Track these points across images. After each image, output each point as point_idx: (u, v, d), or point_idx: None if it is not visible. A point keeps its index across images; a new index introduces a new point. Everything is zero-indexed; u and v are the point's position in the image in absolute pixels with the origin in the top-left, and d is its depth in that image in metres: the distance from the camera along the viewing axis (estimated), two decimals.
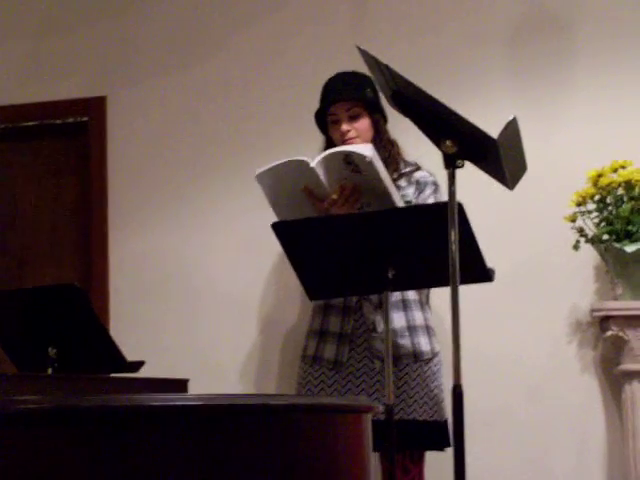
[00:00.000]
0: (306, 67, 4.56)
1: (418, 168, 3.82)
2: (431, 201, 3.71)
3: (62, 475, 1.74)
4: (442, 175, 2.94)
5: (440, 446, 3.71)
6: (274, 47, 4.63)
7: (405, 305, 3.73)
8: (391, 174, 3.74)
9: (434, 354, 3.74)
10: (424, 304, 3.80)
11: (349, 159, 3.36)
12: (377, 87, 3.36)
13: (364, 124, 3.78)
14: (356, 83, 3.77)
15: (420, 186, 3.77)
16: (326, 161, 3.40)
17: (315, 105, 3.88)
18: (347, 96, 3.77)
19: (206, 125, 4.68)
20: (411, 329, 3.71)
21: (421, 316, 3.75)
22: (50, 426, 1.75)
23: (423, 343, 3.72)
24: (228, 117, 4.66)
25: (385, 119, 3.83)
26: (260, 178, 3.47)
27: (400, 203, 3.45)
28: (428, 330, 3.76)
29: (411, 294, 3.74)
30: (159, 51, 4.78)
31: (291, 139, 4.50)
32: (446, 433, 3.69)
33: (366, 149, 3.36)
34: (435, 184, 3.77)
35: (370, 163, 3.32)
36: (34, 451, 1.74)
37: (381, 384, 3.60)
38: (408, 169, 3.83)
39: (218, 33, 4.72)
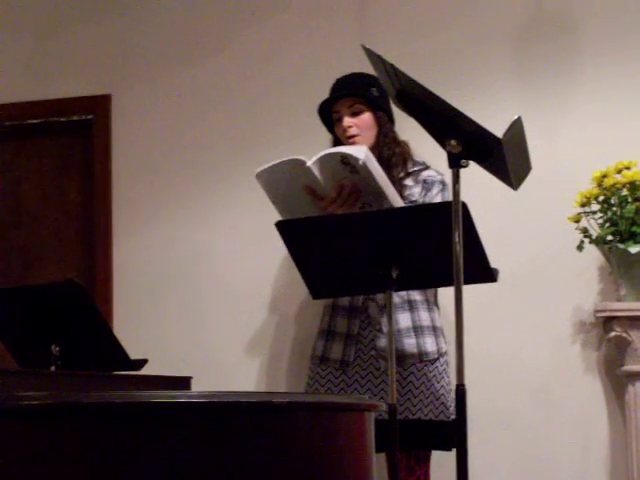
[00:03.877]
0: (310, 65, 4.56)
1: (426, 167, 3.82)
2: (438, 200, 3.70)
3: (64, 471, 1.74)
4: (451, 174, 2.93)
5: (446, 446, 3.69)
6: (278, 46, 4.63)
7: (411, 306, 3.73)
8: (398, 174, 3.75)
9: (440, 354, 3.73)
10: (431, 304, 3.80)
11: (345, 160, 3.38)
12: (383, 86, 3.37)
13: (366, 121, 3.79)
14: (361, 82, 3.80)
15: (427, 185, 3.77)
16: (323, 161, 3.43)
17: (318, 104, 3.89)
18: (349, 93, 3.79)
19: (210, 123, 4.68)
20: (417, 329, 3.71)
21: (428, 316, 3.75)
22: (52, 422, 1.75)
23: (429, 343, 3.72)
24: (232, 115, 4.66)
25: (391, 119, 3.83)
26: (259, 177, 3.53)
27: (398, 203, 3.46)
28: (435, 330, 3.76)
29: (417, 294, 3.74)
30: (164, 50, 4.78)
31: (295, 137, 4.50)
32: (452, 433, 3.67)
33: (359, 151, 3.39)
34: (443, 183, 3.75)
35: (363, 165, 3.34)
36: (36, 447, 1.75)
37: (387, 384, 3.59)
38: (416, 168, 3.82)
39: (222, 32, 4.72)
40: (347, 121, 3.79)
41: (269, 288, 4.53)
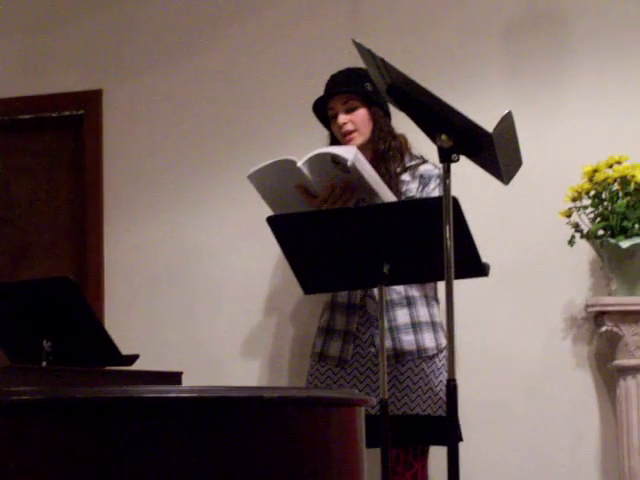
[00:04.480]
0: (302, 60, 4.56)
1: (424, 161, 3.82)
2: (435, 194, 3.70)
3: (55, 465, 1.74)
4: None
5: (444, 441, 3.67)
6: (270, 41, 4.63)
7: (409, 302, 3.73)
8: (395, 168, 3.76)
9: (439, 350, 3.73)
10: (431, 299, 3.80)
11: (336, 159, 3.40)
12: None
13: (361, 116, 3.79)
14: (354, 77, 3.80)
15: (424, 180, 3.77)
16: (313, 161, 3.44)
17: (311, 99, 3.89)
18: (343, 89, 3.79)
19: (202, 119, 4.68)
20: (415, 325, 3.71)
21: (426, 312, 3.75)
22: (43, 417, 1.75)
23: (428, 339, 3.72)
24: (224, 111, 4.66)
25: (386, 113, 3.83)
26: (251, 178, 3.57)
27: (390, 200, 3.47)
28: (434, 326, 3.76)
29: (415, 290, 3.74)
30: (155, 45, 4.77)
31: (288, 133, 4.50)
32: None
33: (348, 152, 3.40)
34: (440, 177, 3.75)
35: (352, 166, 3.36)
36: (27, 442, 1.75)
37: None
38: (413, 162, 3.82)
39: (214, 27, 4.71)
40: (342, 118, 3.79)
41: (264, 286, 4.52)
